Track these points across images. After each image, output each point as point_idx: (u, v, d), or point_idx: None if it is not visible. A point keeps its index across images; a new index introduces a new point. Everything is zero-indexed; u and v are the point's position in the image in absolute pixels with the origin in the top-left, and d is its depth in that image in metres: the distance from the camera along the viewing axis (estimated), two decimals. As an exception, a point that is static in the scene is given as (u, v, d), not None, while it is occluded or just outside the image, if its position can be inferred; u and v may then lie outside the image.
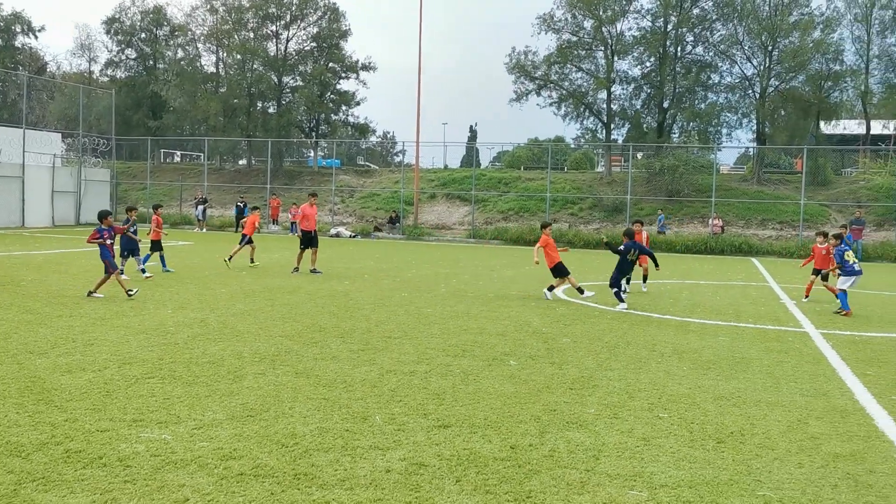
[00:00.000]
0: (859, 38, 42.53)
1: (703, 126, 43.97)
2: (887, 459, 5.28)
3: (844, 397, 7.11)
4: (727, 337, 10.41)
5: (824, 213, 37.83)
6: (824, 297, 15.78)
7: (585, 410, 6.23)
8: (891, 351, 9.81)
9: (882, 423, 6.20)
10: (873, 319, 13.04)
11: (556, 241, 15.67)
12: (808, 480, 4.77)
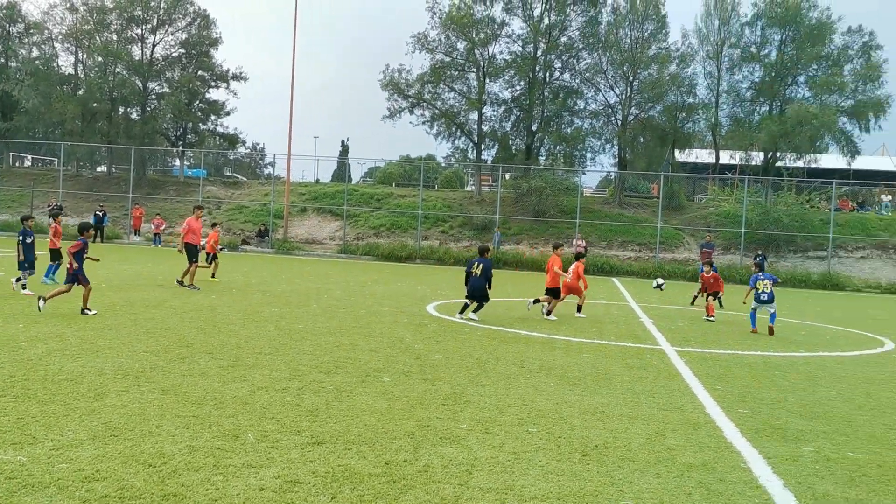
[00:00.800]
0: (710, 73, 45.50)
1: (568, 149, 45.69)
2: (735, 469, 5.66)
3: (697, 411, 7.57)
4: (591, 354, 10.84)
5: (679, 237, 40.09)
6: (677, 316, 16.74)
7: (458, 426, 6.34)
8: (737, 367, 10.52)
9: (729, 435, 6.65)
10: (722, 337, 13.94)
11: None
12: (666, 489, 5.05)
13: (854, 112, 42.52)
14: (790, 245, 38.07)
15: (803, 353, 12.41)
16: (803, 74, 43.76)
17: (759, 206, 39.06)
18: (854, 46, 42.91)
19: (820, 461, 6.00)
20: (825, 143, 44.29)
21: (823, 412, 7.86)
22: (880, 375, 10.53)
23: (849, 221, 39.92)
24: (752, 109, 45.48)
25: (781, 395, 8.67)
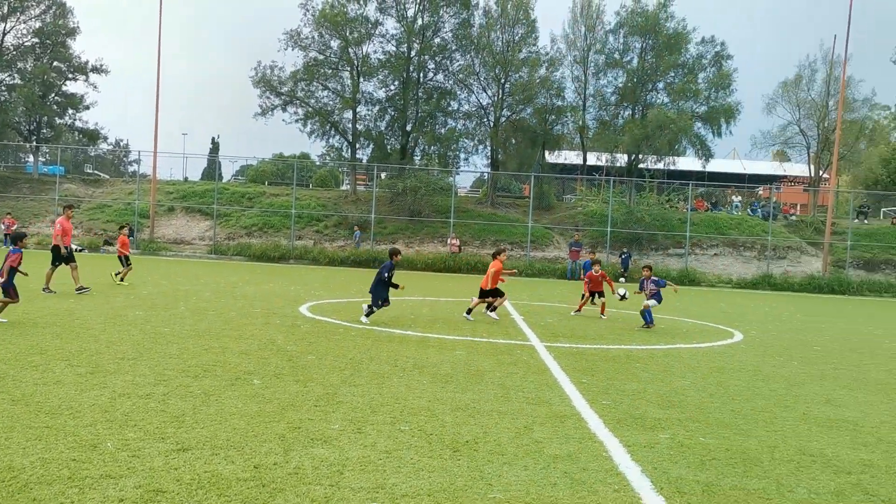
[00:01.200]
0: (578, 77, 47.19)
1: (442, 150, 46.23)
2: (598, 458, 5.92)
3: (563, 404, 7.85)
4: (464, 351, 11.03)
5: (549, 236, 41.33)
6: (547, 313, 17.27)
7: (330, 426, 6.31)
8: (602, 360, 10.97)
9: (593, 426, 6.93)
10: (589, 333, 14.50)
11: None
12: (532, 481, 5.22)
13: (708, 118, 45.17)
14: (652, 243, 40.00)
15: (662, 346, 13.07)
16: (662, 81, 46.07)
17: (624, 206, 40.84)
18: (707, 56, 45.59)
19: (674, 447, 6.35)
20: (683, 147, 46.81)
21: (679, 401, 8.31)
22: (730, 365, 11.24)
23: (703, 221, 42.36)
24: (616, 113, 47.48)
25: (641, 386, 9.11)
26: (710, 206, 48.29)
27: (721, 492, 5.25)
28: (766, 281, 37.09)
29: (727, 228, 42.07)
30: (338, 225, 41.15)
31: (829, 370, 11.31)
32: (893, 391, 9.74)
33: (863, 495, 5.36)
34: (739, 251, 40.68)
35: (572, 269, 35.57)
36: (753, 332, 16.37)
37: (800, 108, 49.17)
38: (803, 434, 7.11)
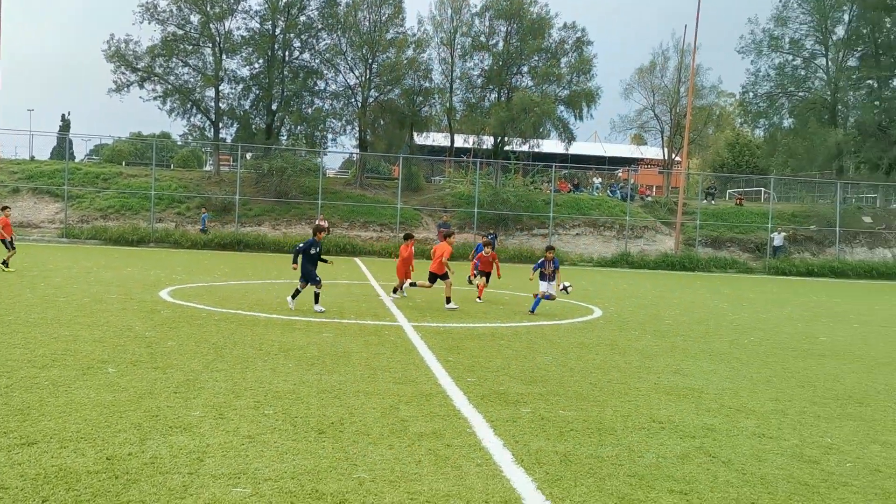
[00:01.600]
0: (445, 59, 47.51)
1: (310, 130, 45.47)
2: (462, 434, 6.04)
3: (430, 382, 7.95)
4: (331, 333, 10.95)
5: (418, 217, 41.58)
6: (415, 293, 17.40)
7: (190, 413, 6.12)
8: (468, 339, 11.18)
9: (458, 403, 7.06)
10: (456, 312, 14.71)
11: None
12: (397, 459, 5.27)
13: (570, 101, 46.62)
14: (517, 224, 41.00)
15: (526, 324, 13.46)
16: (526, 65, 47.07)
17: (490, 188, 41.59)
18: (569, 41, 46.98)
19: (535, 420, 6.57)
20: (547, 130, 48.15)
21: (541, 376, 8.59)
22: (589, 340, 11.72)
23: (566, 202, 43.80)
24: (483, 96, 48.17)
25: (505, 362, 9.36)
26: (572, 188, 49.95)
27: (578, 461, 5.48)
28: (625, 259, 38.84)
29: (588, 209, 43.68)
30: (200, 207, 39.77)
31: (679, 342, 11.99)
32: (735, 360, 10.45)
33: (705, 457, 5.73)
34: (600, 231, 42.35)
35: (441, 250, 35.96)
36: (612, 308, 17.12)
37: (654, 94, 51.61)
38: (654, 403, 7.52)
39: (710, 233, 42.34)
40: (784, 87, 49.54)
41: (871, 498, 5.00)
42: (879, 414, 7.51)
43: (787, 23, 48.28)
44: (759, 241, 41.82)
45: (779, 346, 12.16)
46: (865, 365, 10.61)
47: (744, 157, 69.97)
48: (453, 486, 4.78)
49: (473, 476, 5.00)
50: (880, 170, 45.57)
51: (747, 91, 51.16)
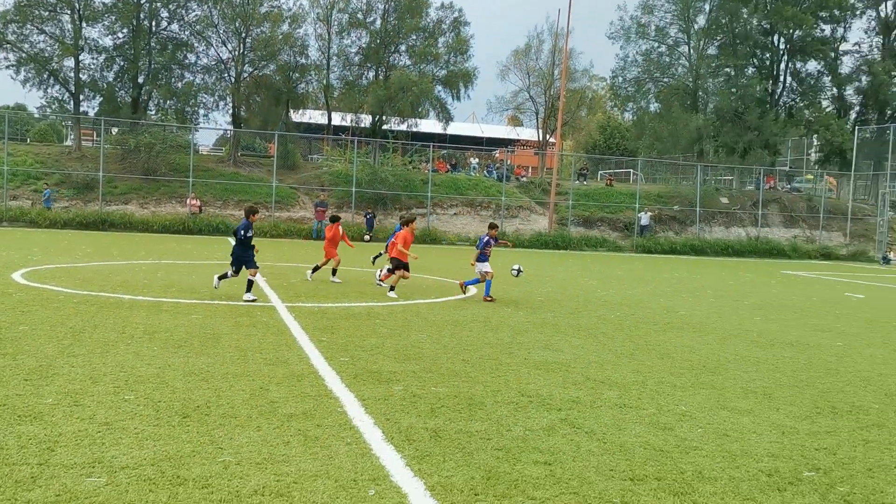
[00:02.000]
0: (322, 36, 46.63)
1: (180, 105, 43.67)
2: (333, 413, 6.00)
3: (302, 363, 7.85)
4: (201, 315, 10.62)
5: (294, 196, 40.84)
6: (291, 273, 17.11)
7: (42, 401, 5.79)
8: (343, 318, 11.10)
9: (330, 383, 7.01)
10: (332, 292, 14.57)
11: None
12: (265, 441, 5.18)
13: (447, 81, 46.85)
14: (396, 203, 40.98)
15: (402, 302, 13.50)
16: (404, 44, 46.91)
17: (368, 167, 41.36)
18: (447, 21, 47.10)
19: (407, 398, 6.61)
20: (426, 109, 48.22)
21: (415, 354, 8.65)
22: (464, 318, 11.89)
23: (444, 181, 44.13)
24: (360, 74, 47.65)
25: (380, 341, 9.36)
26: (450, 168, 50.36)
27: (447, 436, 5.55)
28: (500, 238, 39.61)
29: (466, 189, 44.17)
30: (60, 184, 37.52)
31: (550, 318, 12.35)
32: (601, 334, 10.87)
33: (570, 429, 5.93)
34: (477, 210, 42.94)
35: (318, 229, 35.54)
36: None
37: (529, 76, 52.66)
38: (523, 377, 7.72)
39: (581, 212, 43.73)
40: (650, 72, 51.60)
41: (718, 461, 5.32)
42: (729, 382, 8.00)
43: (653, 11, 50.23)
44: (628, 220, 43.54)
45: (642, 320, 12.73)
46: (719, 336, 11.27)
47: (614, 139, 72.54)
48: (321, 466, 4.74)
49: (342, 455, 4.98)
50: (736, 153, 48.26)
51: (617, 76, 53.01)
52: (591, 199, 45.03)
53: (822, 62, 50.61)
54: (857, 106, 51.94)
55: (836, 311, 15.77)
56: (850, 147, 47.21)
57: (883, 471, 5.30)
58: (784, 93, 51.47)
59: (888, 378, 8.67)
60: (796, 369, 8.92)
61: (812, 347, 10.65)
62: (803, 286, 22.80)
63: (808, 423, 6.48)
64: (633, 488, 4.69)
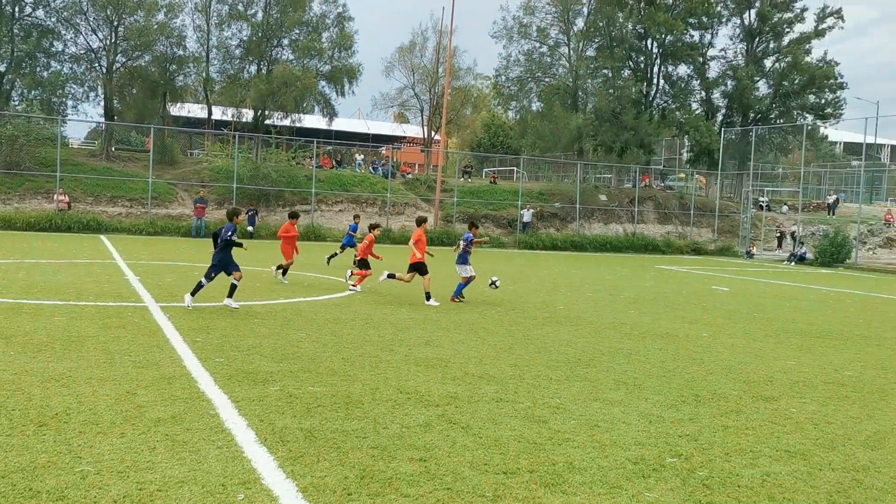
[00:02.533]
0: (200, 27, 45.11)
1: (46, 96, 41.30)
2: (204, 416, 5.80)
3: (174, 365, 7.56)
4: (64, 317, 10.07)
5: (172, 192, 39.38)
6: (167, 271, 16.50)
7: None
8: (219, 318, 10.78)
9: (203, 385, 6.79)
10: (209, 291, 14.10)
11: None
12: (129, 448, 4.95)
13: (332, 77, 46.29)
14: (279, 199, 40.21)
15: (282, 301, 13.25)
16: (287, 38, 46.06)
17: (251, 162, 40.35)
18: (330, 16, 46.53)
19: (283, 398, 6.48)
20: (310, 105, 47.49)
21: (293, 353, 8.50)
22: (345, 316, 11.78)
23: (329, 178, 43.62)
24: (242, 67, 46.44)
25: (257, 340, 9.14)
26: (335, 164, 49.83)
27: (323, 436, 5.47)
28: (386, 235, 39.53)
29: (351, 185, 43.80)
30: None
31: (432, 314, 12.42)
32: (482, 330, 11.01)
33: (446, 424, 5.97)
34: (363, 207, 42.66)
35: (197, 227, 34.43)
36: (370, 283, 17.27)
37: (414, 73, 52.71)
38: (403, 374, 7.71)
39: (466, 209, 44.19)
40: (532, 72, 52.65)
41: (588, 451, 5.48)
42: (602, 374, 8.26)
43: (534, 12, 51.25)
44: (511, 217, 44.33)
45: (523, 315, 12.99)
46: (594, 329, 11.63)
47: (498, 137, 73.66)
48: (189, 472, 4.58)
49: (212, 459, 4.83)
50: (614, 152, 49.92)
51: (500, 75, 53.75)
52: (476, 196, 45.59)
53: (691, 66, 53.03)
54: (723, 109, 54.69)
55: (703, 304, 16.58)
56: (717, 148, 49.72)
57: (739, 455, 5.60)
58: (658, 95, 53.64)
59: (748, 366, 9.17)
60: (665, 360, 9.31)
61: (680, 339, 11.16)
62: (675, 280, 23.87)
63: (674, 411, 6.77)
64: (505, 482, 4.76)
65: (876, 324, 14.44)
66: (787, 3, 51.52)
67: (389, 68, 52.77)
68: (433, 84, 51.61)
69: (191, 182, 40.05)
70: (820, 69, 50.71)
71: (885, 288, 24.67)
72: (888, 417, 6.96)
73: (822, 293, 21.40)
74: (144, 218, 35.31)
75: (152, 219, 35.62)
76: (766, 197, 52.24)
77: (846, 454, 5.74)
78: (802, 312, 15.80)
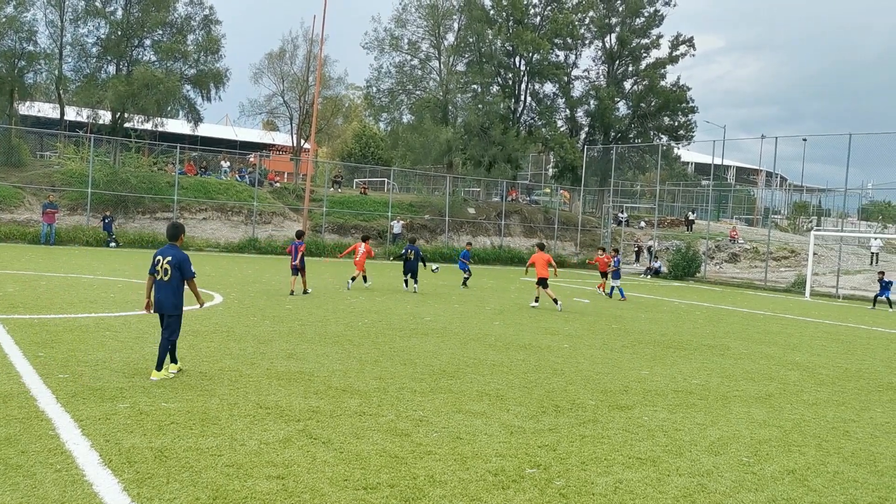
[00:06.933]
0: (53, 22, 42.61)
1: None
2: (42, 437, 5.41)
3: (11, 382, 7.03)
4: None
5: (19, 196, 36.87)
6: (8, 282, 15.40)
7: None
8: (67, 331, 10.14)
9: (43, 403, 6.34)
10: (56, 301, 13.28)
11: None
12: (-46, 474, 4.54)
13: (197, 81, 44.85)
14: (139, 206, 38.44)
15: (138, 312, 12.59)
16: (149, 38, 44.28)
17: (108, 167, 38.39)
18: (196, 18, 45.10)
19: (133, 416, 6.14)
20: (175, 109, 45.76)
21: (147, 368, 8.08)
22: (205, 328, 11.36)
23: (193, 185, 42.11)
24: (99, 66, 44.23)
25: (108, 355, 8.66)
26: (200, 171, 48.20)
27: (174, 455, 5.22)
28: (252, 244, 38.52)
29: (216, 193, 42.45)
30: None
31: (297, 326, 12.17)
32: (348, 342, 10.88)
33: (307, 440, 5.83)
34: (228, 216, 41.45)
35: (46, 234, 32.36)
36: (234, 294, 16.79)
37: (284, 81, 51.79)
38: (264, 389, 7.49)
39: (336, 220, 43.78)
40: (403, 84, 52.94)
41: (450, 463, 5.49)
42: (466, 385, 8.33)
43: (406, 24, 51.59)
44: (381, 228, 44.27)
45: (389, 326, 12.95)
46: (460, 341, 11.74)
47: (370, 148, 73.51)
48: (22, 498, 4.25)
49: (49, 484, 4.50)
50: (482, 166, 50.89)
51: (371, 86, 53.72)
52: (346, 207, 45.25)
53: (557, 85, 54.88)
54: (586, 127, 56.87)
55: (565, 316, 17.09)
56: (580, 164, 51.62)
57: (595, 463, 5.77)
58: (525, 111, 55.16)
59: (605, 376, 9.50)
60: (527, 371, 9.50)
61: (542, 350, 11.43)
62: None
63: (534, 421, 6.91)
64: (365, 497, 4.69)
65: (721, 334, 15.34)
66: (645, 29, 54.27)
67: (258, 75, 51.65)
68: (303, 92, 50.97)
69: (40, 186, 37.63)
70: (674, 93, 53.69)
71: (729, 300, 26.29)
72: (730, 424, 7.37)
73: (673, 305, 22.55)
74: (-19, 223, 32.84)
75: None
76: (625, 213, 54.60)
77: (692, 460, 6.03)
78: (656, 324, 16.57)
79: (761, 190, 68.59)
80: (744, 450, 6.43)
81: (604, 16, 54.03)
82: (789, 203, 65.04)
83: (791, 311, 23.26)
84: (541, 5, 53.69)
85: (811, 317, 21.40)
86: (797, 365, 11.61)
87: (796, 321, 19.69)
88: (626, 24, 53.89)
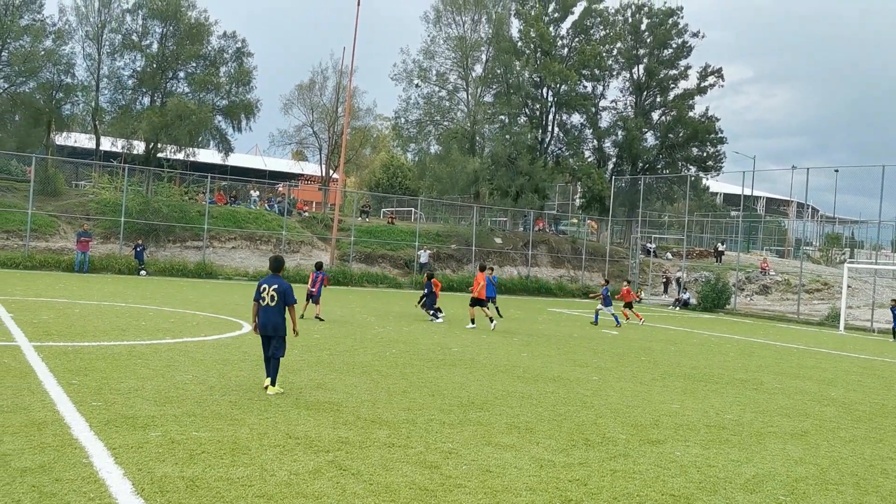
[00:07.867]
0: (91, 55, 43.64)
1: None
2: (76, 465, 5.45)
3: (45, 409, 7.11)
4: (-75, 357, 9.34)
5: (54, 224, 37.54)
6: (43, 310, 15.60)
7: None
8: (99, 359, 10.25)
9: (77, 431, 6.40)
10: (89, 329, 13.45)
11: None
12: (-10, 501, 4.59)
13: (228, 112, 45.60)
14: (170, 235, 38.93)
15: (168, 340, 12.74)
16: (183, 70, 45.15)
17: (140, 196, 39.01)
18: (229, 50, 45.95)
19: (164, 444, 6.18)
20: (205, 139, 46.51)
21: (177, 396, 8.14)
22: (235, 356, 11.43)
23: (222, 214, 42.62)
24: (134, 98, 45.15)
25: (139, 383, 8.73)
26: (229, 200, 48.79)
27: (206, 485, 5.23)
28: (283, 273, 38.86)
29: (245, 222, 42.91)
30: None
31: (325, 356, 12.20)
32: (376, 372, 10.88)
33: (336, 471, 5.82)
34: (257, 245, 41.84)
35: (80, 262, 32.85)
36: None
37: (313, 112, 52.49)
38: (293, 419, 7.50)
39: (363, 249, 44.00)
40: (431, 115, 53.40)
41: (480, 497, 5.44)
42: (495, 418, 8.28)
43: (434, 56, 52.17)
44: (408, 257, 44.40)
45: (417, 357, 12.93)
46: (488, 372, 11.69)
47: (397, 178, 74.02)
48: (56, 527, 4.27)
49: (83, 513, 4.52)
50: (509, 196, 51.01)
51: (399, 116, 54.26)
52: (373, 236, 45.48)
53: (584, 115, 55.03)
54: (614, 157, 56.85)
55: (593, 347, 16.96)
56: (607, 195, 51.50)
57: (627, 499, 5.68)
58: (552, 142, 55.33)
59: (635, 409, 9.40)
60: (556, 403, 9.43)
61: (571, 382, 11.34)
62: (566, 323, 24.38)
63: (564, 455, 6.84)
64: (395, 530, 4.66)
65: (753, 368, 15.13)
66: (672, 60, 54.35)
67: (288, 105, 52.39)
68: (332, 123, 51.54)
69: (75, 215, 38.30)
70: (702, 124, 53.57)
71: (760, 333, 25.94)
72: (766, 461, 7.24)
73: (703, 337, 22.30)
74: (21, 251, 33.46)
75: (30, 252, 33.79)
76: (653, 243, 54.29)
77: (727, 498, 5.92)
78: (686, 356, 16.39)
79: (792, 221, 67.90)
80: (780, 488, 6.30)
81: (631, 47, 54.25)
82: (821, 235, 64.32)
83: (825, 344, 22.90)
84: (568, 37, 54.04)
85: (846, 350, 21.04)
86: (833, 401, 11.41)
87: (831, 355, 19.37)
88: (653, 56, 54.04)
